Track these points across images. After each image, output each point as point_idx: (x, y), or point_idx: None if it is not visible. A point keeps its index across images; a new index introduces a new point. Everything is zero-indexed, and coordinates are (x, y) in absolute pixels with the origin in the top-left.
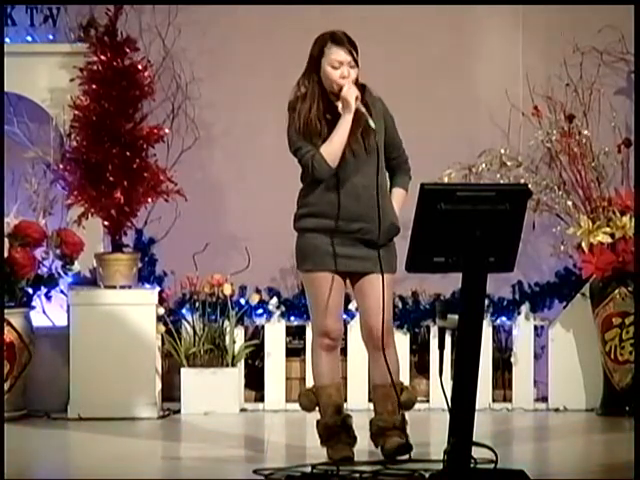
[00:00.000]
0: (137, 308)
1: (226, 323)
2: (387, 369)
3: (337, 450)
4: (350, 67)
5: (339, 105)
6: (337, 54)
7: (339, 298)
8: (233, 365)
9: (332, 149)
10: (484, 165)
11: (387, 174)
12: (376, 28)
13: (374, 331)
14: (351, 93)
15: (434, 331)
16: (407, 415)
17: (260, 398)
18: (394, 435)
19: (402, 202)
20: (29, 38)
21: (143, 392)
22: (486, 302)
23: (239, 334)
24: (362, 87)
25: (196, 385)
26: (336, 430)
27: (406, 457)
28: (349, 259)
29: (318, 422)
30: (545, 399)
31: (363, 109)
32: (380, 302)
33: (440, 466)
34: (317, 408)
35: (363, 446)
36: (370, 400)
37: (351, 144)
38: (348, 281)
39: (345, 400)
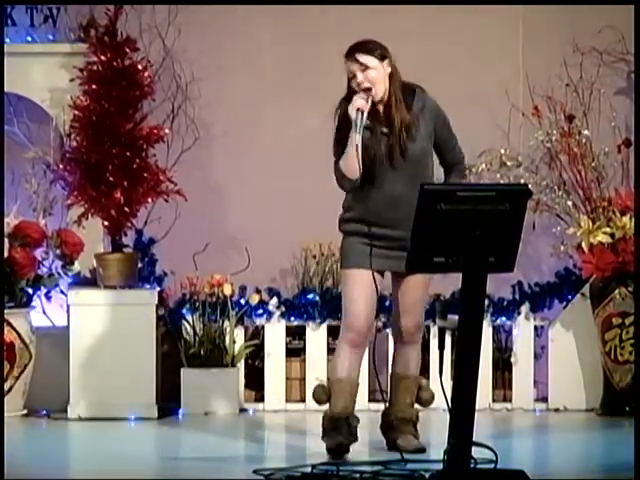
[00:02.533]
0: (137, 308)
1: (226, 323)
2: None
3: (333, 438)
4: (362, 71)
5: None
6: (347, 68)
7: (369, 296)
8: (233, 365)
9: (345, 162)
10: (484, 165)
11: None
12: (376, 28)
13: (404, 329)
14: (353, 106)
15: (434, 331)
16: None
17: (260, 398)
18: (409, 432)
19: None
20: (29, 38)
21: (143, 392)
22: (486, 302)
23: (239, 334)
24: (412, 90)
25: (196, 385)
26: (340, 424)
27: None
28: (385, 259)
29: (325, 414)
30: (545, 399)
31: (359, 121)
32: (413, 303)
33: (440, 466)
34: (328, 403)
35: (363, 446)
36: (370, 400)
37: (389, 152)
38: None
39: None
